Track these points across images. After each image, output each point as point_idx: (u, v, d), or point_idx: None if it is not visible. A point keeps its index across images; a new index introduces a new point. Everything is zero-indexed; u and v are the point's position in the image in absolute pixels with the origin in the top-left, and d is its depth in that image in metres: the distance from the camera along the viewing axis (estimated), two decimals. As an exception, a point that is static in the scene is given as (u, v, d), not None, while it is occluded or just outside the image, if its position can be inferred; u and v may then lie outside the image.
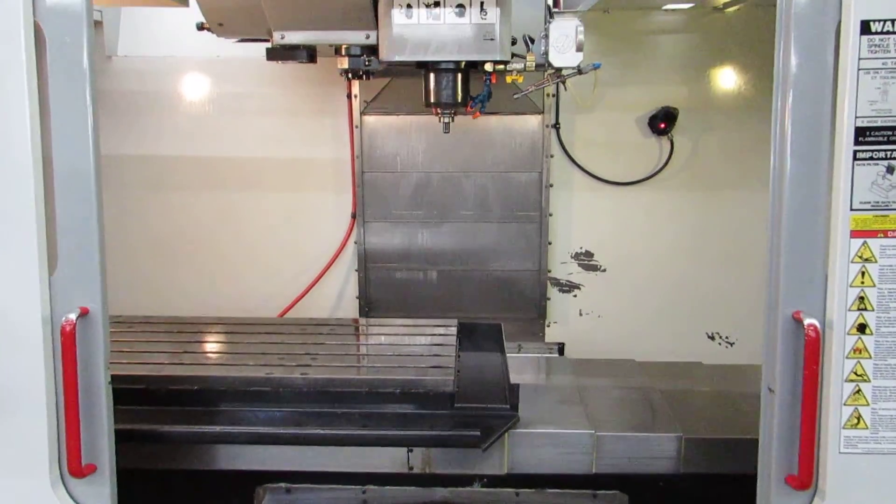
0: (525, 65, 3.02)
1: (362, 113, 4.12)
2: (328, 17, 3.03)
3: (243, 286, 4.38)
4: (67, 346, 2.03)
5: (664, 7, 4.03)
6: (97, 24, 4.07)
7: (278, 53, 3.26)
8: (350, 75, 3.29)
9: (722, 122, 4.17)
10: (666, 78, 4.14)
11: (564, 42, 2.96)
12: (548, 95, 4.08)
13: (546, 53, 3.02)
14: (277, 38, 3.12)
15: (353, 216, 4.23)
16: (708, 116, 4.17)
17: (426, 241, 4.25)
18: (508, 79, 3.04)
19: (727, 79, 4.15)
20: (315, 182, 4.29)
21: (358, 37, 3.10)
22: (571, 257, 4.31)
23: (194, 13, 3.19)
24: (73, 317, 2.02)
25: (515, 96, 3.35)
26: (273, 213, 4.34)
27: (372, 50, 3.19)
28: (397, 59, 2.92)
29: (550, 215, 4.22)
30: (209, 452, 2.63)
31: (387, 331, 3.62)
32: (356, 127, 4.11)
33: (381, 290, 4.32)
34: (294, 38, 3.12)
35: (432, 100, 3.17)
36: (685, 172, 4.21)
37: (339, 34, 3.11)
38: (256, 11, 3.02)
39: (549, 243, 4.25)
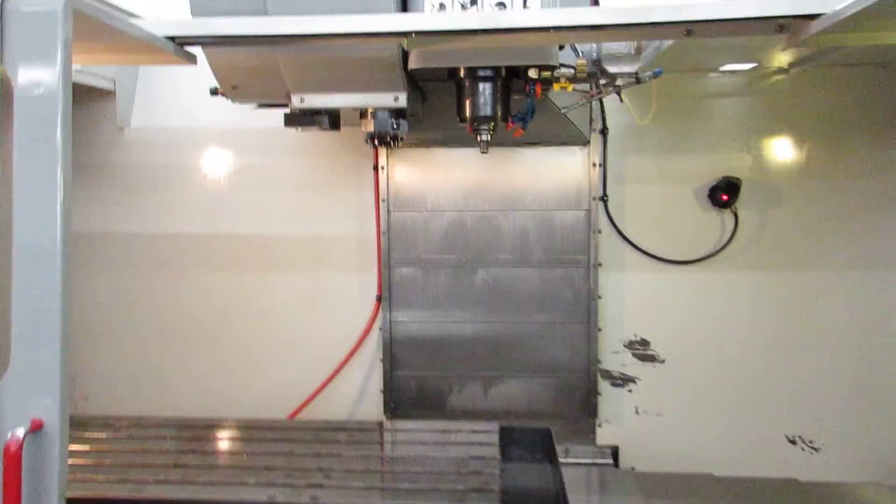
0: (575, 71, 2.63)
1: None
2: (352, 78, 2.70)
3: (260, 373, 3.96)
4: (11, 469, 1.61)
5: (721, 69, 3.67)
6: (108, 94, 3.82)
7: (297, 119, 2.94)
8: (377, 142, 2.93)
9: (791, 194, 3.72)
10: (726, 145, 3.73)
11: (621, 45, 2.59)
12: (594, 165, 3.68)
13: (598, 60, 2.65)
14: (296, 101, 2.80)
15: (379, 299, 3.81)
16: (775, 188, 3.72)
17: (459, 289, 3.79)
18: (556, 87, 2.65)
19: (795, 147, 3.72)
20: (338, 261, 3.90)
21: (385, 99, 2.75)
22: (625, 346, 3.80)
23: (212, 79, 2.91)
24: (20, 433, 1.61)
25: (563, 109, 2.98)
26: (292, 294, 3.94)
27: (400, 113, 2.84)
28: (427, 65, 2.55)
29: (599, 298, 3.75)
30: None
31: (416, 437, 3.09)
32: (382, 201, 3.74)
33: (408, 349, 3.83)
34: (314, 101, 2.79)
35: (468, 114, 2.77)
36: (752, 250, 3.73)
37: (364, 96, 2.77)
38: (273, 73, 2.71)
39: (599, 330, 3.76)
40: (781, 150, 3.72)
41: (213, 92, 3.04)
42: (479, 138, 2.77)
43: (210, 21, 2.26)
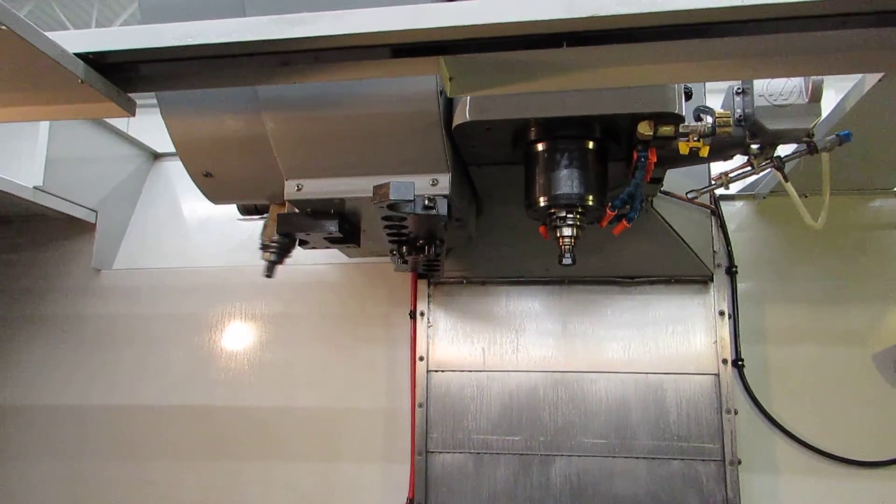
0: (714, 124, 1.62)
1: (429, 282, 2.74)
2: (370, 151, 1.83)
3: None
4: None
5: (896, 189, 2.67)
6: (88, 229, 3.08)
7: (291, 222, 2.03)
8: (404, 250, 1.97)
9: None
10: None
11: (787, 89, 1.62)
12: (720, 314, 2.57)
13: (747, 116, 1.67)
14: (291, 190, 1.92)
15: (411, 503, 2.62)
16: None
17: (527, 488, 2.54)
18: (684, 147, 1.62)
19: None
20: (357, 446, 2.78)
21: (419, 183, 1.83)
22: (789, 591, 2.43)
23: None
24: None
25: (690, 193, 1.95)
26: (291, 494, 2.79)
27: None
28: (483, 117, 1.62)
29: (743, 514, 2.46)
30: None
31: None
32: (420, 359, 2.69)
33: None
34: (316, 188, 1.91)
35: (539, 196, 1.75)
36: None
37: (387, 180, 1.86)
38: (260, 149, 1.88)
39: (747, 562, 2.43)
40: None
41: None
42: (559, 237, 1.76)
43: (139, 29, 1.46)
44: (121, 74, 1.53)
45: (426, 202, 1.68)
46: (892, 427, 2.53)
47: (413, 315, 2.73)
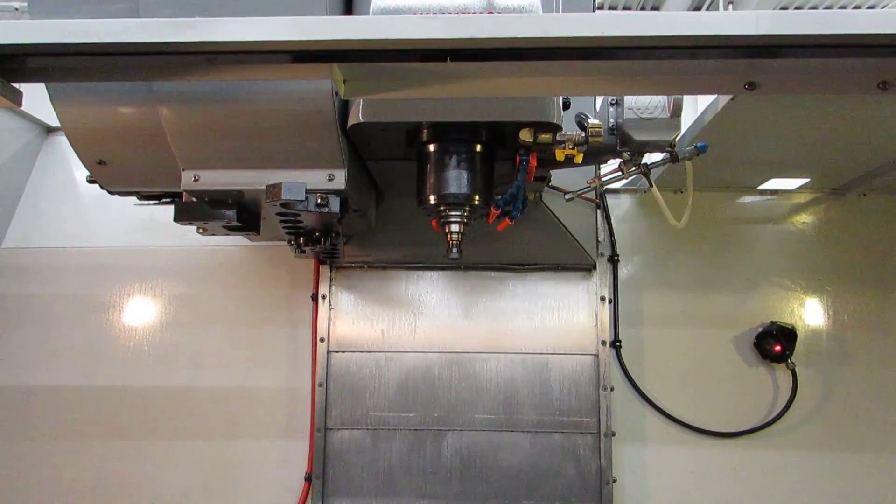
0: (587, 134, 1.79)
1: (331, 266, 2.84)
2: (267, 145, 1.88)
3: None
4: None
5: (760, 188, 2.93)
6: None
7: (191, 211, 2.06)
8: (301, 241, 2.05)
9: (865, 349, 2.85)
10: (771, 283, 2.91)
11: (653, 104, 1.81)
12: (602, 299, 2.80)
13: (618, 126, 1.84)
14: (188, 180, 1.94)
15: (308, 479, 2.72)
16: (842, 340, 2.86)
17: (421, 461, 2.71)
18: (560, 154, 1.79)
19: (867, 290, 2.89)
20: (256, 424, 2.84)
21: (315, 178, 1.90)
22: (652, 548, 2.71)
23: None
24: None
25: (568, 197, 2.14)
26: (188, 473, 2.83)
27: (340, 202, 1.98)
28: (375, 119, 1.71)
29: (614, 481, 2.70)
30: None
31: None
32: (321, 340, 2.78)
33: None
34: (213, 180, 1.94)
35: (429, 194, 1.86)
36: (818, 421, 2.80)
37: (284, 174, 1.92)
38: (156, 139, 1.89)
39: (616, 523, 2.68)
40: (849, 294, 2.89)
41: (90, 179, 2.21)
42: (447, 233, 1.89)
43: (27, 24, 1.46)
44: (7, 66, 1.52)
45: (318, 200, 1.76)
46: (748, 402, 2.82)
47: (315, 297, 2.82)
